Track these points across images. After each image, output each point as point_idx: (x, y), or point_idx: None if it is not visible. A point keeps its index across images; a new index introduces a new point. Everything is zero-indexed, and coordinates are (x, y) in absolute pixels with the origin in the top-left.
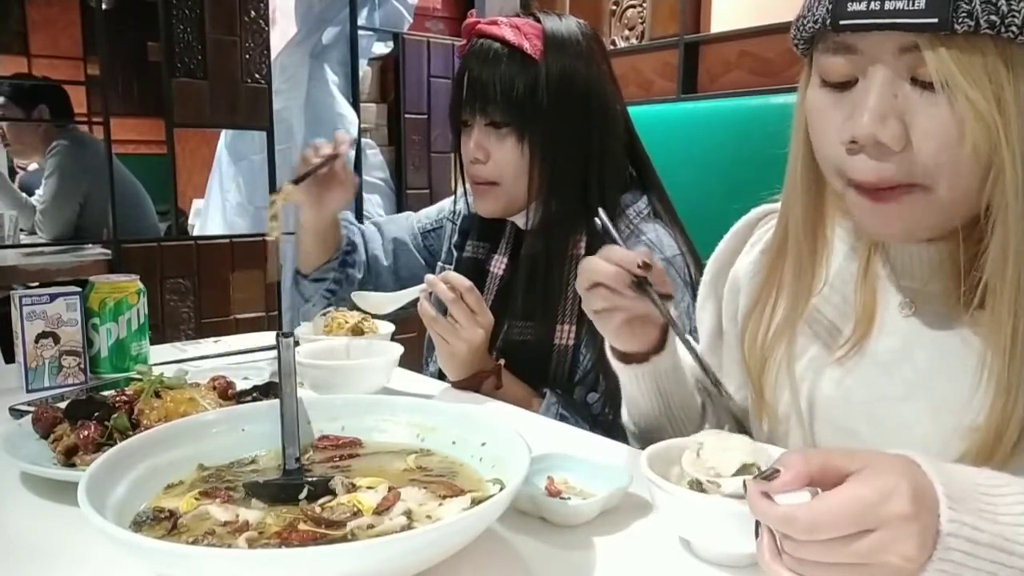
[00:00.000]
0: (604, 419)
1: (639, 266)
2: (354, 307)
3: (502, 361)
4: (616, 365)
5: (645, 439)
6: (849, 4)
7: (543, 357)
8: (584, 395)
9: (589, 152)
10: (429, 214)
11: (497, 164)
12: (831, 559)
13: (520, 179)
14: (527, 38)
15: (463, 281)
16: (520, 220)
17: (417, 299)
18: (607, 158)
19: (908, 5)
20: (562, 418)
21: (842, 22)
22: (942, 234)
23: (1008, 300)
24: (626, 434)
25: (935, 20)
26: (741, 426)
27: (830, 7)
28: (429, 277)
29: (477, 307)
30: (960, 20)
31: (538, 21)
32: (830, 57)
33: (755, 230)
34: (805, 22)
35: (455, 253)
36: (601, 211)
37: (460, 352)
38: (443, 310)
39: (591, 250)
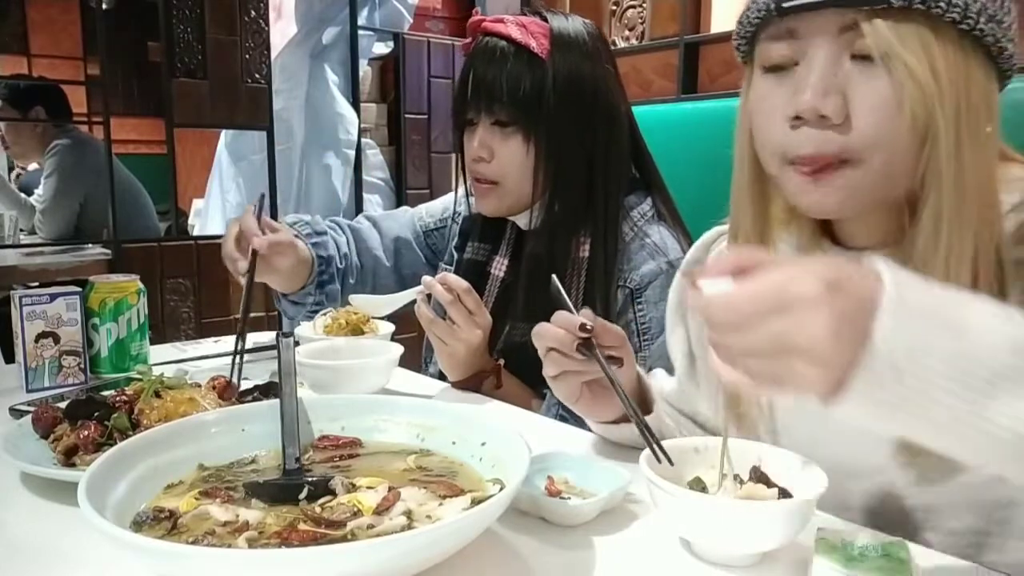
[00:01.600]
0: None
1: (580, 328)
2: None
3: (501, 361)
4: (597, 428)
5: None
6: None
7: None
8: None
9: (594, 153)
10: (432, 211)
11: (501, 163)
12: (748, 345)
13: (524, 179)
14: (534, 36)
15: (460, 282)
16: (522, 220)
17: (414, 301)
18: (612, 159)
19: None
20: (562, 419)
21: (785, 5)
22: (877, 223)
23: (940, 273)
24: None
25: None
26: None
27: None
28: (426, 279)
29: (475, 308)
30: None
31: (545, 20)
32: (772, 44)
33: (710, 252)
34: (749, 13)
35: (456, 255)
36: (554, 278)
37: (459, 353)
38: (441, 312)
39: (595, 252)
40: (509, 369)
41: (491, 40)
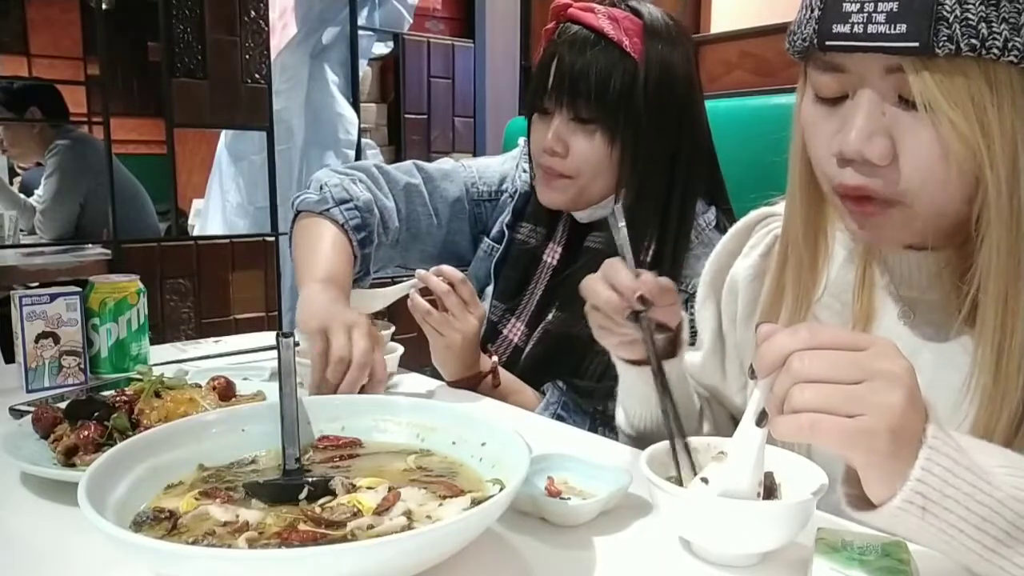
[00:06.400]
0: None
1: (638, 299)
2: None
3: (495, 359)
4: (623, 367)
5: (640, 442)
6: (834, 26)
7: (582, 350)
8: (610, 388)
9: (677, 156)
10: (487, 179)
11: (575, 159)
12: (830, 365)
13: (598, 177)
14: (627, 34)
15: (455, 273)
16: (581, 214)
17: (407, 295)
18: (694, 163)
19: (890, 29)
20: (559, 419)
21: (828, 43)
22: (934, 242)
23: (992, 317)
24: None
25: (916, 44)
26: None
27: (816, 28)
28: (420, 272)
29: (470, 298)
30: (941, 44)
31: (637, 14)
32: (820, 74)
33: (753, 232)
34: (795, 39)
35: (506, 232)
36: (617, 208)
37: (455, 343)
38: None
39: (659, 255)
40: (536, 360)
41: (579, 30)
